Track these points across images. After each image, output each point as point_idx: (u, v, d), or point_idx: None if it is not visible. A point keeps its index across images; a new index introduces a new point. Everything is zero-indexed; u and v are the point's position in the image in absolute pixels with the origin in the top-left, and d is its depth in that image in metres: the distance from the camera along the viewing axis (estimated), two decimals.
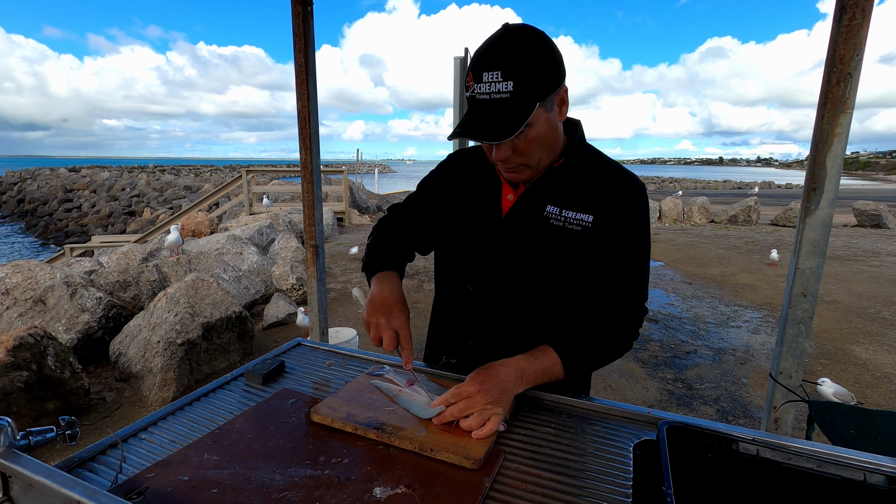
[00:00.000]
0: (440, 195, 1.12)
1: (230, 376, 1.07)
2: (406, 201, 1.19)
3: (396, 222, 1.16)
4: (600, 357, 0.97)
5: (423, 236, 1.15)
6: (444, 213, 1.11)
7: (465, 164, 1.11)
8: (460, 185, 1.09)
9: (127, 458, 0.78)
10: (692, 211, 12.73)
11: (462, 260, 1.08)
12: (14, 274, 3.80)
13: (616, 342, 0.97)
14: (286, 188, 12.44)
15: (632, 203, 0.96)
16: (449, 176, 1.12)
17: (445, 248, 1.13)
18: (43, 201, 23.69)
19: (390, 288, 0.97)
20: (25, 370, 2.72)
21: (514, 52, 0.82)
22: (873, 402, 3.12)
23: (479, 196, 1.06)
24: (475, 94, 0.85)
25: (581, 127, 1.02)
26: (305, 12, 1.81)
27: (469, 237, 1.06)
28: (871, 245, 8.58)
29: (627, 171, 0.99)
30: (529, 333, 1.04)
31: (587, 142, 1.03)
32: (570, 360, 0.93)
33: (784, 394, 1.37)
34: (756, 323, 4.66)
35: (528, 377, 0.90)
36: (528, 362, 0.91)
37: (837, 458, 0.72)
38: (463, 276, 1.08)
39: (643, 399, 3.20)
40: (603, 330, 0.97)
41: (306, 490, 0.69)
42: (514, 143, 0.88)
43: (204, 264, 4.86)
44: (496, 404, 0.83)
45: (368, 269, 1.07)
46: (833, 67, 1.20)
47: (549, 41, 0.86)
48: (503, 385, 0.86)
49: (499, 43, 0.83)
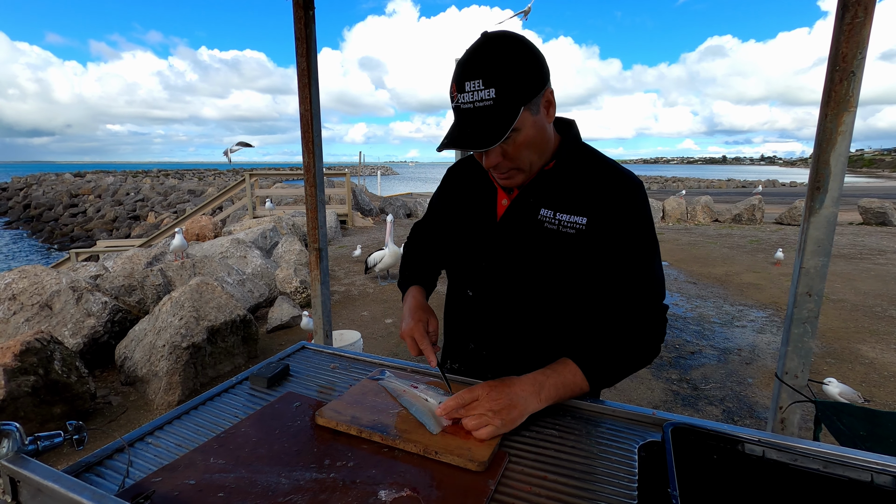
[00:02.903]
0: (444, 208, 1.17)
1: (235, 380, 1.08)
2: (423, 219, 1.28)
3: (417, 241, 1.27)
4: (625, 364, 0.94)
5: (439, 250, 1.21)
6: (447, 224, 1.15)
7: (463, 173, 1.14)
8: (459, 195, 1.12)
9: (133, 462, 0.79)
10: (696, 210, 12.67)
11: (461, 265, 1.10)
12: (20, 279, 3.82)
13: (638, 346, 0.94)
14: (289, 191, 12.48)
15: (627, 202, 0.93)
16: (449, 188, 1.17)
17: (448, 254, 1.16)
18: (48, 206, 23.87)
19: (410, 301, 1.10)
20: (32, 375, 2.74)
21: (494, 60, 0.83)
22: (881, 401, 3.10)
23: (475, 202, 1.08)
24: (459, 104, 0.86)
25: (575, 127, 1.02)
26: (307, 17, 1.82)
27: (466, 243, 1.08)
28: (877, 243, 8.52)
29: (622, 169, 0.97)
30: (530, 337, 1.04)
31: (584, 141, 1.02)
32: (591, 370, 0.91)
33: (790, 394, 1.37)
34: (761, 322, 4.64)
35: (547, 391, 0.87)
36: (546, 375, 0.89)
37: (844, 459, 0.72)
38: (463, 282, 1.10)
39: (648, 400, 3.19)
40: (622, 335, 0.93)
41: (312, 493, 0.69)
42: (503, 149, 0.89)
43: (208, 268, 4.89)
44: (497, 415, 0.81)
45: (401, 289, 1.20)
46: (836, 66, 1.20)
47: (529, 45, 0.86)
48: (513, 398, 0.84)
49: (478, 52, 0.84)
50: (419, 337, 1.00)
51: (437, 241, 1.21)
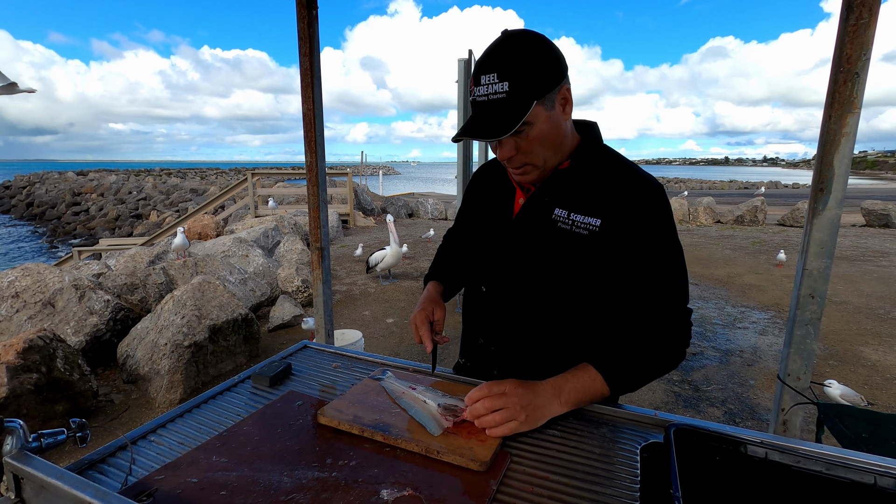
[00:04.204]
0: (468, 208, 1.21)
1: (237, 379, 1.08)
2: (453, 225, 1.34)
3: (446, 245, 1.33)
4: (647, 369, 0.92)
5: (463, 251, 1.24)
6: (469, 222, 1.19)
7: (487, 174, 1.17)
8: (482, 194, 1.16)
9: (136, 460, 0.79)
10: (698, 211, 12.64)
11: (477, 261, 1.12)
12: (23, 277, 3.84)
13: (661, 351, 0.92)
14: (291, 191, 12.49)
15: (644, 205, 0.91)
16: (474, 189, 1.20)
17: (467, 251, 1.19)
18: (51, 205, 23.93)
19: (423, 294, 1.18)
20: (35, 372, 2.75)
21: (510, 55, 0.85)
22: (883, 403, 3.09)
23: (494, 200, 1.10)
24: (476, 97, 0.89)
25: (597, 128, 1.02)
26: (310, 16, 1.82)
27: (483, 239, 1.10)
28: (880, 245, 8.49)
29: (641, 172, 0.95)
30: (540, 336, 1.03)
31: (605, 144, 1.01)
32: (612, 375, 0.89)
33: (792, 396, 1.36)
34: (763, 324, 4.62)
35: (566, 395, 0.87)
36: (566, 380, 0.89)
37: (847, 461, 0.71)
38: (478, 277, 1.12)
39: (650, 401, 3.18)
40: (644, 340, 0.92)
41: (314, 492, 0.69)
42: (516, 142, 0.90)
43: (210, 267, 4.89)
44: (524, 410, 0.81)
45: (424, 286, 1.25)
46: (840, 67, 1.20)
47: (547, 42, 0.87)
48: (539, 398, 0.84)
49: (496, 48, 0.87)
50: (419, 323, 1.07)
51: (461, 244, 1.25)
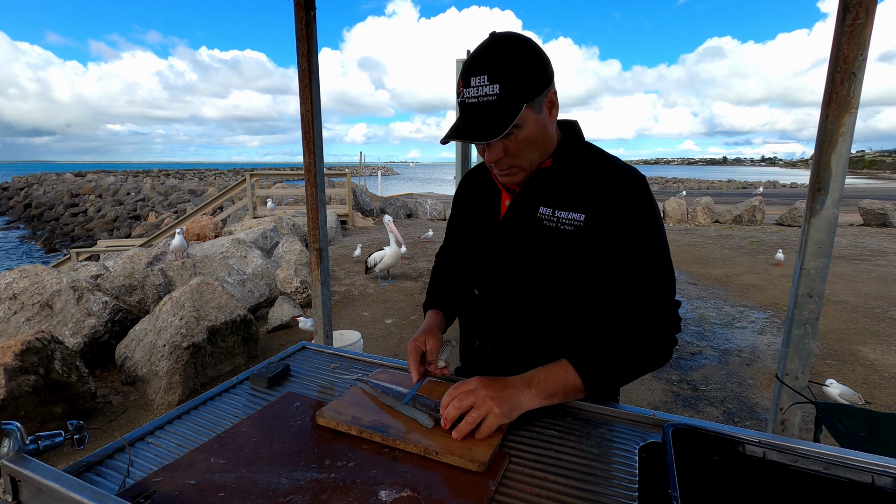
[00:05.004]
0: (456, 215, 1.21)
1: (236, 380, 1.08)
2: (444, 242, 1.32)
3: (439, 265, 1.32)
4: (627, 362, 0.91)
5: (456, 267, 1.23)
6: (458, 228, 1.19)
7: (473, 180, 1.17)
8: (469, 199, 1.16)
9: (134, 462, 0.79)
10: (696, 211, 12.67)
11: (468, 264, 1.12)
12: (21, 279, 3.82)
13: (643, 344, 0.91)
14: (290, 191, 12.48)
15: (627, 197, 0.91)
16: (462, 196, 1.20)
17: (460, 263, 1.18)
18: (49, 206, 23.87)
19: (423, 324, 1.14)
20: (33, 374, 2.74)
21: (500, 57, 0.85)
22: (882, 403, 3.10)
23: (481, 204, 1.10)
24: (465, 98, 0.88)
25: (577, 126, 1.02)
26: (308, 17, 1.82)
27: (472, 242, 1.10)
28: (878, 244, 8.51)
29: (623, 165, 0.95)
30: (535, 335, 1.04)
31: (587, 140, 1.02)
32: (583, 365, 0.89)
33: (791, 395, 1.36)
34: (762, 324, 4.63)
35: (536, 384, 0.87)
36: (536, 371, 0.90)
37: (845, 461, 0.72)
38: (470, 280, 1.12)
39: (648, 401, 3.19)
40: (623, 332, 0.91)
41: (312, 493, 0.69)
42: (505, 145, 0.91)
43: (209, 268, 4.89)
44: (494, 400, 0.82)
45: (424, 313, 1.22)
46: (837, 67, 1.20)
47: (535, 46, 0.88)
48: (506, 388, 0.85)
49: (485, 50, 0.87)
50: (409, 353, 1.05)
51: (454, 262, 1.24)
